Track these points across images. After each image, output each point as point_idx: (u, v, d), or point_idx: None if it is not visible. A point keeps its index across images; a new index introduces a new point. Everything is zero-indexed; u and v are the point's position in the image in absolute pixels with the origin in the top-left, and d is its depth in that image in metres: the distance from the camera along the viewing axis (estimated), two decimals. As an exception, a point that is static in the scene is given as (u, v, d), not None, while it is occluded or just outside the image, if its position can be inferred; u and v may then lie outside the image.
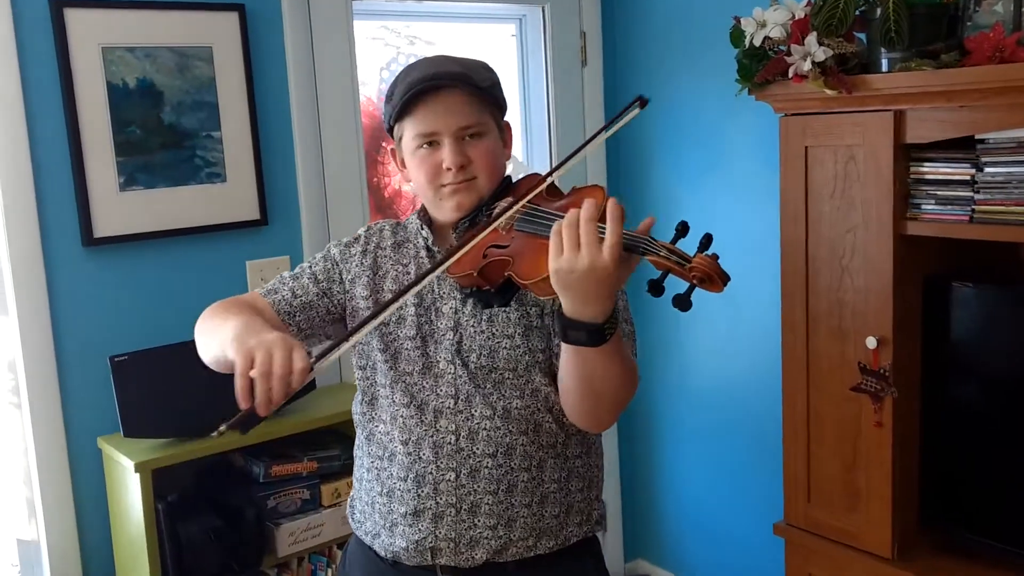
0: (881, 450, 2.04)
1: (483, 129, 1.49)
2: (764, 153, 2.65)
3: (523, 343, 1.46)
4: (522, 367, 1.46)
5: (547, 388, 1.47)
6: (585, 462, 1.54)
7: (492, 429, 1.46)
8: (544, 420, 1.48)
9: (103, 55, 2.22)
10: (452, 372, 1.47)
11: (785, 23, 1.99)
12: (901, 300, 1.99)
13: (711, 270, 1.16)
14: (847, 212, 2.03)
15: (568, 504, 1.51)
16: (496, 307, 1.45)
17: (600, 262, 1.18)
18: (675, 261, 1.18)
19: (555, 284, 1.23)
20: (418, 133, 1.48)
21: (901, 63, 1.86)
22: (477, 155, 1.48)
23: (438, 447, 1.46)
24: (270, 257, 2.52)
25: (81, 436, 2.25)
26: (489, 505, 1.46)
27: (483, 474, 1.46)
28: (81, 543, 2.26)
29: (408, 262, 1.55)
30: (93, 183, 2.23)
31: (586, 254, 1.19)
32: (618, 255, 1.19)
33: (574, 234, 1.20)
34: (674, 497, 3.18)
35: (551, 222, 1.29)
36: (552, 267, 1.21)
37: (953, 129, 1.85)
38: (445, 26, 2.96)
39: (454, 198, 1.48)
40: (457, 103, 1.47)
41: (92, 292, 2.26)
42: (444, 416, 1.47)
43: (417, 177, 1.51)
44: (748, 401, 2.85)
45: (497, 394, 1.46)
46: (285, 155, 2.52)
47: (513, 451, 1.46)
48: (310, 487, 2.31)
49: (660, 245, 1.20)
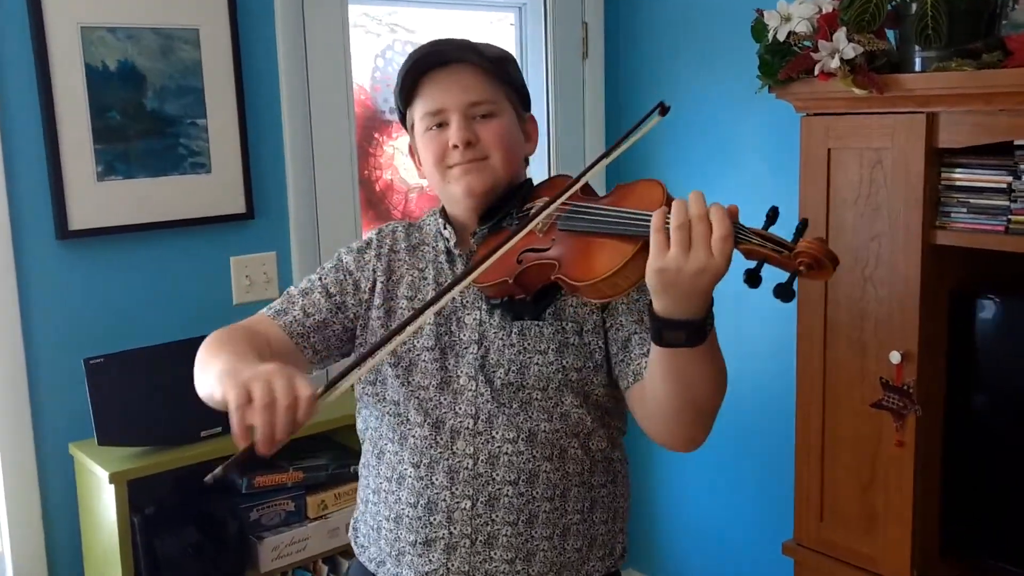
0: (902, 470, 1.94)
1: (495, 109, 1.38)
2: (780, 154, 2.54)
3: (556, 360, 1.34)
4: (553, 387, 1.34)
5: (578, 411, 1.35)
6: (610, 492, 1.42)
7: (515, 454, 1.33)
8: (570, 446, 1.36)
9: (82, 35, 2.07)
10: (473, 389, 1.35)
11: (812, 17, 1.88)
12: (927, 313, 1.89)
13: (820, 253, 1.06)
14: (872, 219, 1.93)
15: (591, 537, 1.40)
16: (528, 319, 1.33)
17: (712, 262, 1.07)
18: (773, 248, 1.08)
19: (654, 285, 1.10)
20: (425, 112, 1.38)
21: (937, 62, 1.75)
22: (487, 134, 1.37)
23: (454, 471, 1.34)
24: (256, 253, 2.39)
25: (52, 441, 2.11)
26: (507, 537, 1.34)
27: (502, 503, 1.33)
28: (49, 557, 2.13)
29: (425, 266, 1.43)
30: (69, 172, 2.08)
31: (700, 254, 1.07)
32: (731, 251, 1.08)
33: (685, 232, 1.08)
34: (677, 512, 3.08)
35: (605, 218, 1.19)
36: (655, 266, 1.09)
37: (990, 134, 1.75)
38: (439, 13, 2.84)
39: (464, 180, 1.36)
40: (467, 78, 1.37)
41: (66, 289, 2.12)
42: (462, 437, 1.34)
43: (426, 162, 1.40)
44: (757, 412, 2.75)
45: (523, 415, 1.34)
46: (273, 145, 2.39)
47: (536, 479, 1.34)
48: (295, 499, 2.18)
49: (753, 232, 1.10)
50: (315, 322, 1.40)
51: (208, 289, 2.31)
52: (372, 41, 2.73)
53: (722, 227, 1.07)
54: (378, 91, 2.75)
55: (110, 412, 1.99)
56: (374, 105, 2.75)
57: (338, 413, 2.13)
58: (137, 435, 2.02)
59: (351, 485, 2.27)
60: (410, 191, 2.85)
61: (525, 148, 1.45)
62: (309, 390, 1.07)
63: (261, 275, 2.39)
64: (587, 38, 2.95)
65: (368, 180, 2.77)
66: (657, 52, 2.88)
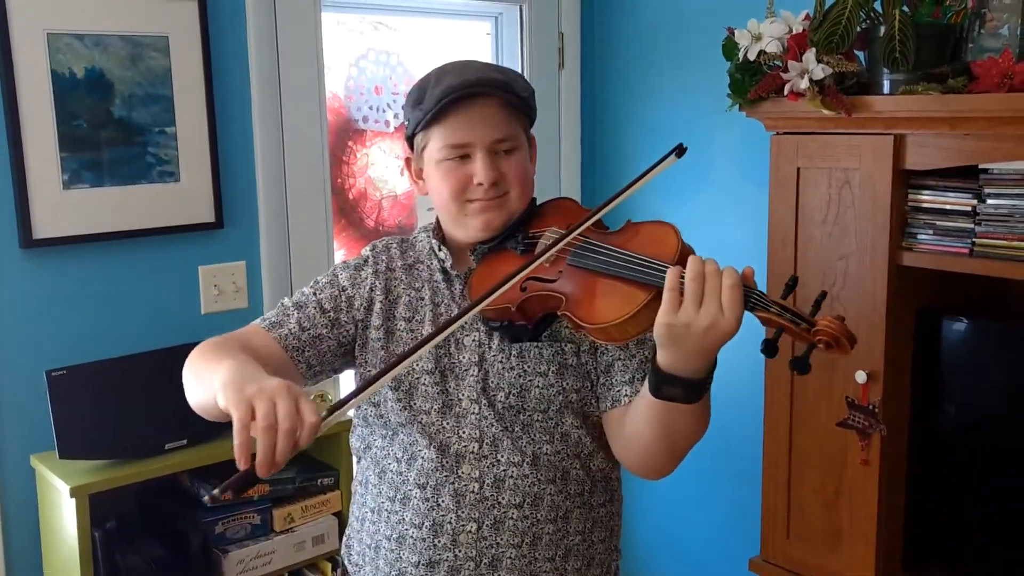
0: (867, 488, 1.95)
1: (516, 144, 1.38)
2: (753, 171, 2.55)
3: (556, 382, 1.34)
4: (554, 409, 1.34)
5: (577, 432, 1.36)
6: (608, 510, 1.44)
7: (520, 477, 1.33)
8: (572, 467, 1.36)
9: (48, 42, 2.04)
10: (476, 412, 1.34)
11: (782, 37, 1.88)
12: (893, 333, 1.90)
13: (840, 334, 1.07)
14: (839, 238, 1.94)
15: (590, 557, 1.41)
16: (525, 341, 1.32)
17: (722, 319, 1.08)
18: (791, 320, 1.09)
19: (662, 338, 1.12)
20: (448, 144, 1.35)
21: (904, 85, 1.76)
22: (511, 171, 1.36)
23: (460, 495, 1.33)
24: (225, 262, 2.36)
25: (12, 453, 2.08)
26: (511, 559, 1.34)
27: (508, 526, 1.33)
28: (8, 571, 2.09)
29: (421, 286, 1.42)
30: (34, 180, 2.05)
31: (711, 308, 1.08)
32: (741, 310, 1.09)
33: (699, 285, 1.09)
34: (645, 528, 3.07)
35: (618, 260, 1.19)
36: (663, 320, 1.10)
37: (956, 157, 1.76)
38: (416, 21, 2.82)
39: (483, 216, 1.36)
40: (494, 114, 1.35)
41: (29, 298, 2.09)
42: (467, 461, 1.34)
43: (440, 191, 1.38)
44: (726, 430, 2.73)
45: (527, 438, 1.34)
46: (244, 154, 2.37)
47: (541, 501, 1.34)
48: (261, 512, 2.16)
49: (771, 301, 1.11)
50: (310, 336, 1.38)
51: (176, 299, 2.29)
52: (355, 40, 2.71)
53: (730, 277, 1.09)
54: (352, 100, 2.73)
55: (72, 425, 1.96)
56: (348, 113, 2.74)
57: (305, 426, 2.11)
58: (100, 448, 1.99)
59: (318, 498, 2.25)
60: (383, 199, 2.83)
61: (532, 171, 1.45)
62: (314, 416, 1.05)
63: (230, 285, 2.37)
64: (563, 48, 2.95)
65: (341, 188, 2.75)
66: (633, 63, 2.88)
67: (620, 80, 2.92)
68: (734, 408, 2.69)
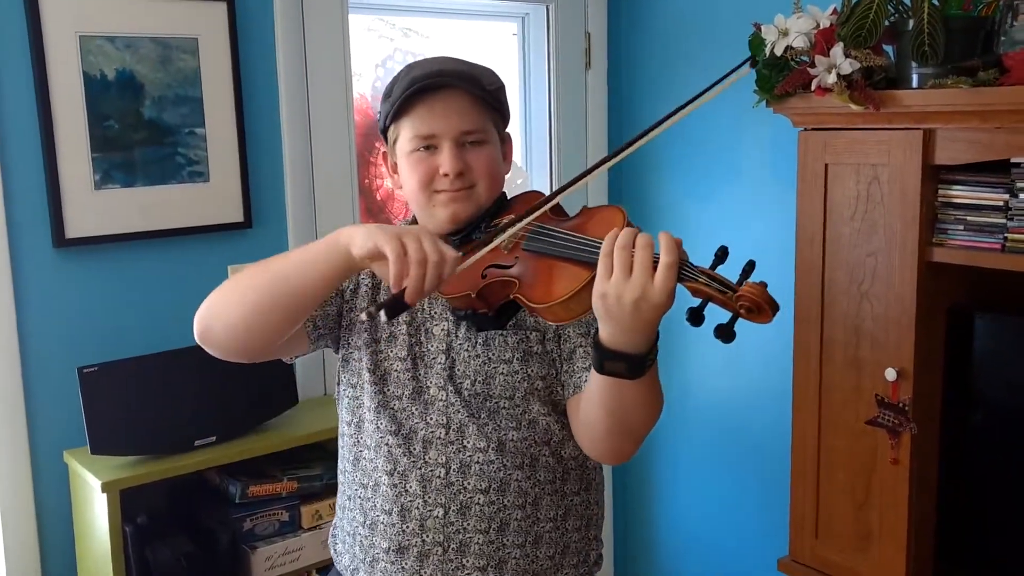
0: (897, 488, 1.93)
1: (485, 137, 1.39)
2: (780, 168, 2.53)
3: (521, 369, 1.36)
4: (519, 396, 1.36)
5: (546, 419, 1.37)
6: (584, 499, 1.43)
7: (485, 463, 1.35)
8: (541, 454, 1.37)
9: (80, 44, 2.08)
10: (444, 399, 1.36)
11: (809, 32, 1.87)
12: (924, 330, 1.87)
13: (760, 298, 1.07)
14: (868, 235, 1.91)
15: (564, 544, 1.41)
16: (490, 330, 1.34)
17: (652, 290, 1.08)
18: (717, 289, 1.09)
19: (599, 310, 1.12)
20: (415, 135, 1.37)
21: (934, 79, 1.74)
22: (477, 163, 1.37)
23: (426, 480, 1.36)
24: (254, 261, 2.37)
25: (46, 449, 2.11)
26: (479, 545, 1.35)
27: (474, 511, 1.35)
28: (43, 566, 2.13)
29: None
30: (66, 180, 2.09)
31: (639, 279, 1.08)
32: (674, 284, 1.08)
33: (627, 257, 1.09)
34: (671, 527, 3.06)
35: (565, 242, 1.20)
36: (598, 291, 1.11)
37: (987, 151, 1.73)
38: (443, 22, 2.84)
39: (450, 207, 1.37)
40: (460, 105, 1.36)
41: (62, 297, 2.12)
42: (434, 447, 1.36)
43: (409, 182, 1.40)
44: (753, 429, 2.73)
45: (492, 424, 1.35)
46: (272, 154, 2.39)
47: (507, 487, 1.35)
48: (289, 508, 2.18)
49: (699, 271, 1.11)
50: None
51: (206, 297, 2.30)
52: (385, 45, 2.72)
53: (669, 255, 1.08)
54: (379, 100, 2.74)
55: (103, 421, 1.99)
56: (375, 114, 2.75)
57: (333, 423, 2.12)
58: (130, 444, 2.02)
59: (345, 495, 2.26)
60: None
61: (504, 168, 1.45)
62: (453, 251, 1.17)
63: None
64: (590, 48, 2.94)
65: (368, 189, 2.77)
66: (660, 62, 2.87)
67: (647, 79, 2.91)
68: (762, 408, 2.68)
